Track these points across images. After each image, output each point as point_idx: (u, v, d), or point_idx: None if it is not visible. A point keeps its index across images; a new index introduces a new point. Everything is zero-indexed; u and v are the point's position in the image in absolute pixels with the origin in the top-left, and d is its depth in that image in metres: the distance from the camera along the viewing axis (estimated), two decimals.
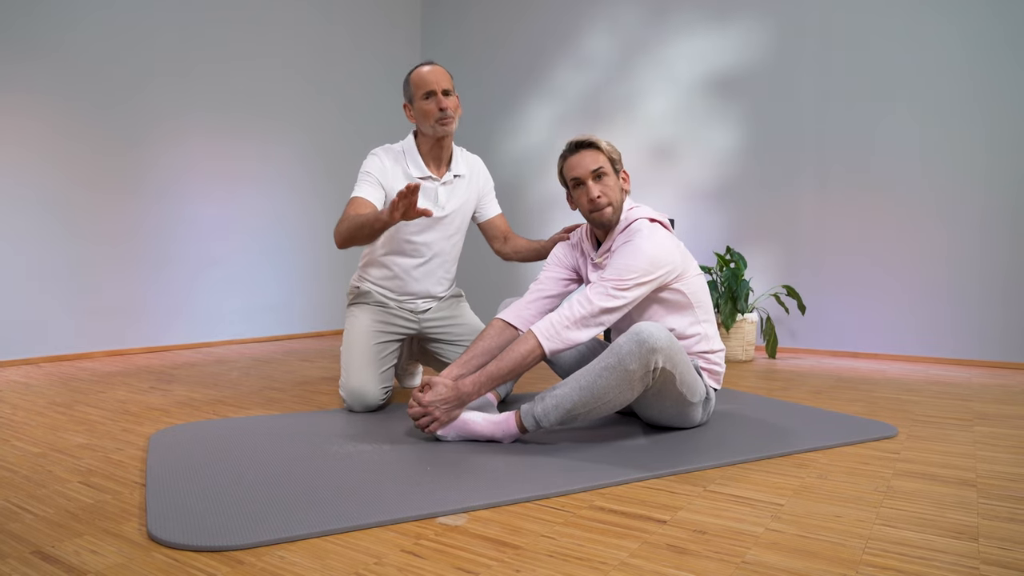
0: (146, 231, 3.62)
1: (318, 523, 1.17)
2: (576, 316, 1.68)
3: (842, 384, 2.70)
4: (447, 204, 2.17)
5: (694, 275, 1.84)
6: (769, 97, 3.75)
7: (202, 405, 2.25)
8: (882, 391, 2.55)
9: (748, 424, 1.93)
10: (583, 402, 1.60)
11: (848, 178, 3.54)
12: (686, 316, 1.83)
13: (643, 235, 1.75)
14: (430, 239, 2.19)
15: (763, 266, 3.80)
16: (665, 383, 1.65)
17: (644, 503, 1.30)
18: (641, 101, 4.18)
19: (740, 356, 3.36)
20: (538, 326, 1.69)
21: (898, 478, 1.47)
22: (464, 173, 2.22)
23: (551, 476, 1.43)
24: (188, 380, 2.75)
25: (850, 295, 3.55)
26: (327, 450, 1.64)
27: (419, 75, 2.06)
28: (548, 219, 4.58)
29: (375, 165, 2.11)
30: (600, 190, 1.81)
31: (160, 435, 1.80)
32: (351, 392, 2.07)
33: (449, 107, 2.05)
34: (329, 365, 3.17)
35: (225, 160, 3.96)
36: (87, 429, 1.91)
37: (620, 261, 1.72)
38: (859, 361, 3.39)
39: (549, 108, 4.56)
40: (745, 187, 3.83)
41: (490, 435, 1.68)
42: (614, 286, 1.70)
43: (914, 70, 3.36)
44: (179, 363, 3.23)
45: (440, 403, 1.67)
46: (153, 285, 3.66)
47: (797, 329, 3.70)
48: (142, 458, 1.62)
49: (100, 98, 3.42)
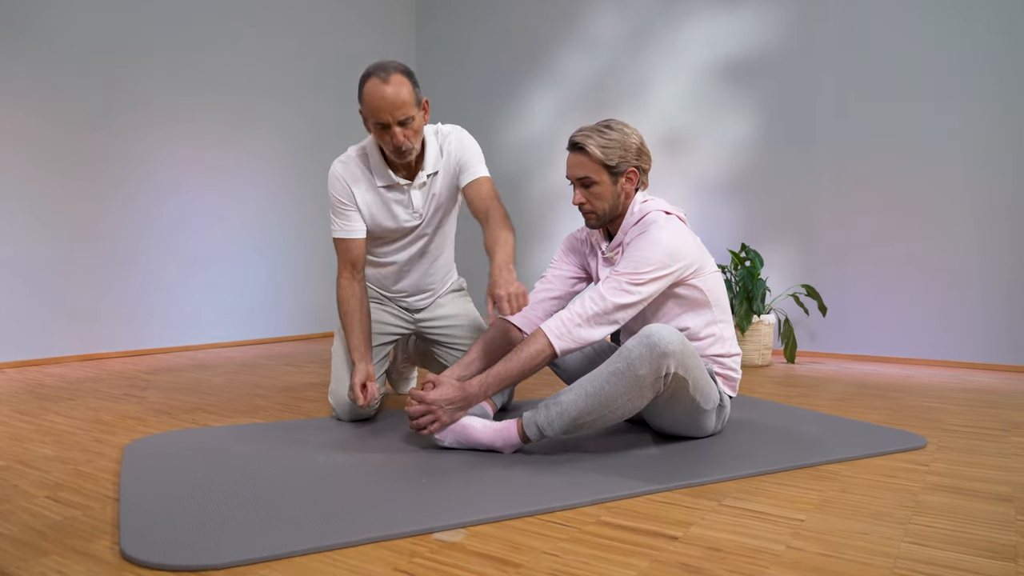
0: (120, 225, 3.62)
1: (304, 540, 1.16)
2: (588, 313, 1.67)
3: (866, 391, 2.69)
4: (423, 208, 2.07)
5: (711, 271, 1.84)
6: (787, 84, 3.74)
7: (180, 413, 2.24)
8: (909, 398, 2.54)
9: (765, 433, 1.92)
10: (589, 410, 1.59)
11: (871, 170, 3.53)
12: (702, 315, 1.82)
13: (659, 226, 1.75)
14: (413, 250, 2.14)
15: (781, 264, 3.79)
16: (677, 389, 1.65)
17: (654, 518, 1.30)
18: (650, 87, 4.17)
19: (756, 360, 3.36)
20: (548, 324, 1.69)
21: (927, 492, 1.46)
22: (440, 167, 2.06)
23: (555, 489, 1.42)
24: (165, 386, 2.74)
25: (874, 295, 3.54)
26: (315, 461, 1.64)
27: (371, 99, 1.83)
28: (553, 215, 4.58)
29: (340, 190, 2.01)
30: (584, 197, 1.81)
31: (135, 446, 1.79)
32: (340, 400, 2.07)
33: (407, 139, 1.88)
34: (318, 370, 3.16)
35: (207, 148, 3.96)
36: (55, 440, 1.90)
37: (635, 254, 1.72)
38: (884, 366, 3.39)
39: (552, 94, 4.56)
40: (761, 180, 3.83)
41: (490, 443, 1.68)
42: (629, 280, 1.69)
43: (943, 57, 3.35)
44: (156, 368, 3.22)
45: (445, 403, 1.67)
46: (127, 284, 3.65)
47: (817, 331, 3.70)
48: (115, 471, 1.61)
49: (67, 82, 3.42)
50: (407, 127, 1.87)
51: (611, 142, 1.77)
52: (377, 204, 2.04)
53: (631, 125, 1.94)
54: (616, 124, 1.80)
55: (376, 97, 1.82)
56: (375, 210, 2.04)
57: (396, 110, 1.83)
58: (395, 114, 1.83)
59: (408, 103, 1.84)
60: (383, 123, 1.85)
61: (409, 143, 1.89)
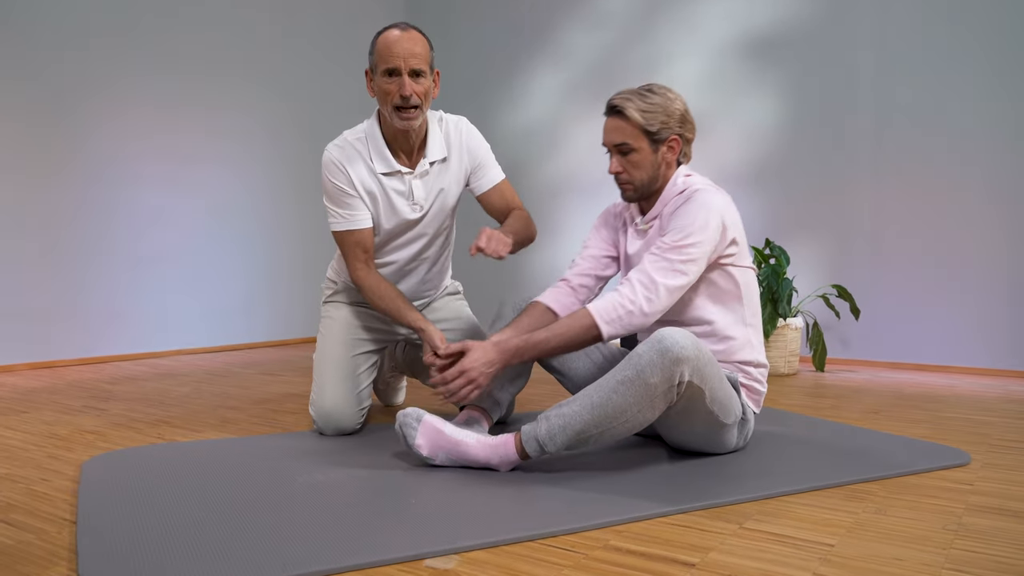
0: (77, 220, 3.62)
1: (281, 567, 1.17)
2: (639, 298, 1.71)
3: (903, 402, 2.70)
4: (426, 200, 2.09)
5: (749, 262, 1.88)
6: (818, 62, 3.74)
7: (144, 427, 2.25)
8: (951, 410, 2.55)
9: (791, 448, 1.92)
10: (596, 422, 1.59)
11: (912, 160, 3.53)
12: (731, 311, 1.85)
13: (708, 192, 1.80)
14: (411, 251, 2.16)
15: (809, 262, 3.79)
16: (692, 400, 1.65)
17: (668, 543, 1.30)
18: (665, 67, 4.17)
19: (782, 369, 3.36)
20: (596, 305, 1.73)
21: (971, 514, 1.47)
22: (445, 155, 2.09)
23: (557, 510, 1.42)
24: (128, 397, 2.74)
25: (913, 297, 3.54)
26: (293, 480, 1.64)
27: (384, 42, 1.90)
28: (556, 207, 4.58)
29: (338, 176, 2.02)
30: (621, 165, 1.85)
31: (94, 463, 1.79)
32: (323, 413, 2.08)
33: (416, 93, 1.90)
34: (296, 379, 3.17)
35: (173, 135, 3.96)
36: (6, 456, 1.91)
37: (681, 220, 1.76)
38: (923, 375, 3.39)
39: (557, 75, 4.56)
40: (788, 169, 3.83)
41: (485, 460, 1.68)
42: (679, 256, 1.73)
43: (996, 29, 3.35)
44: (117, 377, 3.22)
45: (483, 366, 1.71)
46: (86, 285, 3.66)
47: (850, 337, 3.70)
48: (72, 490, 1.61)
49: (21, 64, 3.42)
50: (417, 82, 1.92)
51: (653, 106, 1.81)
52: (376, 195, 2.05)
53: (675, 90, 1.97)
54: (659, 88, 1.84)
55: (391, 41, 1.90)
56: (374, 202, 2.06)
57: (410, 56, 1.90)
58: (408, 60, 1.89)
59: (423, 56, 1.92)
60: (394, 68, 1.90)
61: (417, 99, 1.92)
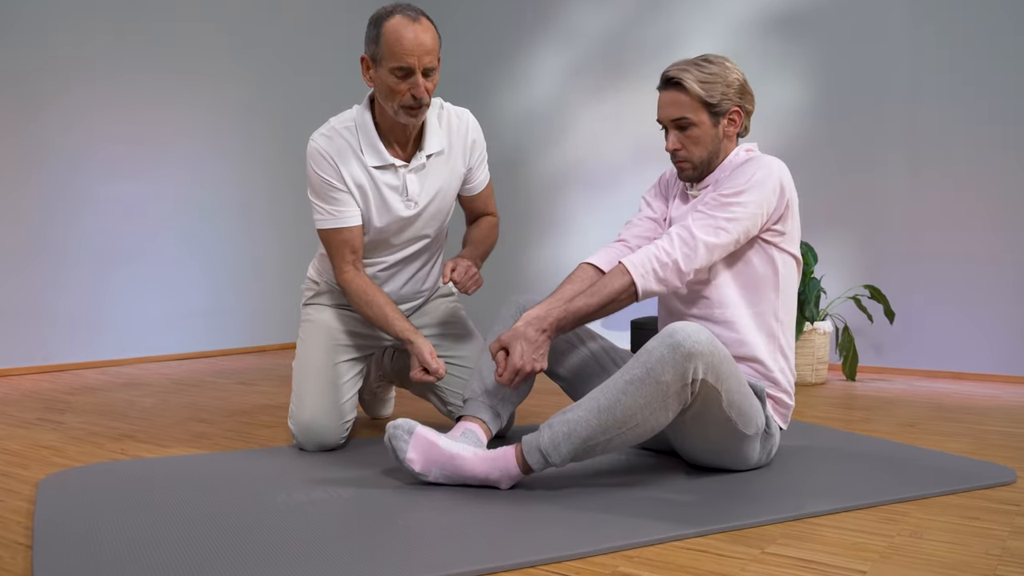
0: (35, 218, 3.62)
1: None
2: (675, 252, 1.75)
3: (942, 414, 2.70)
4: (420, 196, 2.09)
5: (795, 249, 1.89)
6: (847, 40, 3.75)
7: (106, 442, 2.24)
8: (994, 423, 2.55)
9: (819, 465, 1.92)
10: (603, 427, 1.59)
11: (951, 150, 3.53)
12: (764, 302, 1.86)
13: (764, 158, 1.85)
14: (405, 254, 2.17)
15: (839, 261, 3.79)
16: (707, 402, 1.65)
17: (684, 569, 1.30)
18: (679, 46, 4.18)
19: (809, 378, 3.36)
20: (631, 259, 1.77)
21: (1016, 537, 1.46)
22: (444, 147, 2.11)
23: (563, 532, 1.42)
24: (88, 409, 2.74)
25: (952, 299, 3.54)
26: (270, 500, 1.63)
27: (397, 37, 1.87)
28: (559, 199, 4.58)
29: (326, 168, 2.03)
30: (679, 141, 1.88)
31: (51, 481, 1.79)
32: (303, 426, 2.07)
33: (428, 93, 1.93)
34: (273, 390, 3.16)
35: (134, 118, 3.96)
36: None
37: (735, 180, 1.80)
38: (964, 384, 3.39)
39: (561, 55, 4.56)
40: (814, 159, 3.83)
41: (484, 476, 1.68)
42: (724, 214, 1.76)
43: None
44: (76, 387, 3.22)
45: (531, 353, 1.74)
46: (43, 287, 3.65)
47: (883, 343, 3.70)
48: (28, 511, 1.61)
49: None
50: (430, 79, 1.94)
51: (712, 76, 1.84)
52: (367, 189, 2.05)
53: (731, 60, 2.01)
54: (716, 58, 1.88)
55: (407, 37, 1.88)
56: (364, 198, 2.06)
57: (426, 54, 1.89)
58: (423, 59, 1.90)
59: (435, 50, 1.94)
60: (407, 68, 1.89)
61: (428, 99, 1.95)
